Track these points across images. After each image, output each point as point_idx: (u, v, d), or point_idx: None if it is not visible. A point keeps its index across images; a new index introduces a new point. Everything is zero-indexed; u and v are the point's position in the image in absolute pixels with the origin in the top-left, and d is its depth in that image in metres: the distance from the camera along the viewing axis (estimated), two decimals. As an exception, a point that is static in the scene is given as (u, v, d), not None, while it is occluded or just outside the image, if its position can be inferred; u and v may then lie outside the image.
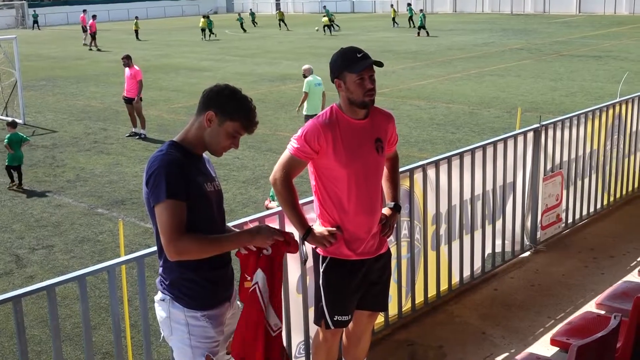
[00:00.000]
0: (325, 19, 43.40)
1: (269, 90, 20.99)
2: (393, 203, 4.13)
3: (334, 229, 3.87)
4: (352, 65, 3.74)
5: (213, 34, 42.88)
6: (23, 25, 60.93)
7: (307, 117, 12.73)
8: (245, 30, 46.09)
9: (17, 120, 14.00)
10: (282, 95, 20.49)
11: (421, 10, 41.14)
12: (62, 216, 10.47)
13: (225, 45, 37.75)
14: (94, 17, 39.80)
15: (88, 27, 38.68)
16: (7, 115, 17.61)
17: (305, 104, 13.18)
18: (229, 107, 3.22)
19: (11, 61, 18.71)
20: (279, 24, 48.00)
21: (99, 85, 23.89)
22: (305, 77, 13.29)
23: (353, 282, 3.97)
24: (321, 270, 3.97)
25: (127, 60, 15.67)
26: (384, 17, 51.85)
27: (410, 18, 45.42)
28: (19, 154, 12.14)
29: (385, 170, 4.17)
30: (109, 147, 14.89)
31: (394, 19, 47.10)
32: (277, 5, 71.84)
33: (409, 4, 49.49)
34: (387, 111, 4.06)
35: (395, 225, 4.14)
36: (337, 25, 44.03)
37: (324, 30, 42.95)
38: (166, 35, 44.45)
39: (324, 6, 52.66)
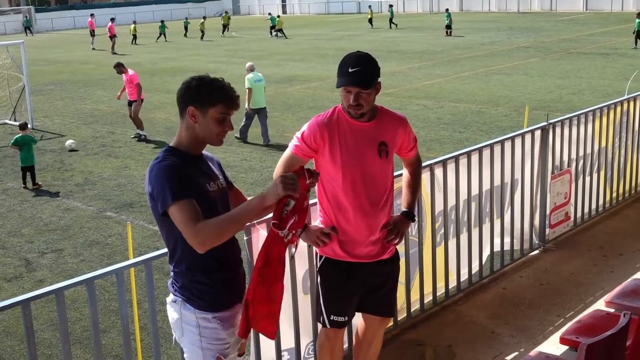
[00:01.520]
0: (269, 21, 44.28)
1: (275, 92, 20.98)
2: (406, 210, 4.03)
3: (329, 228, 3.87)
4: (340, 76, 3.69)
5: (164, 35, 43.51)
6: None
7: (253, 111, 14.31)
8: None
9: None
10: (289, 96, 20.50)
11: (447, 10, 40.88)
12: (71, 220, 10.51)
13: (231, 47, 37.80)
14: (112, 20, 39.93)
15: (107, 30, 38.71)
16: (15, 120, 17.71)
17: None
18: (203, 95, 3.20)
19: (19, 66, 18.82)
20: (223, 29, 45.90)
21: (106, 89, 23.95)
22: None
23: (349, 284, 3.95)
24: (317, 268, 4.02)
25: (120, 68, 15.86)
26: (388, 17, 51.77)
27: (391, 19, 45.14)
28: (24, 154, 12.21)
29: (406, 176, 4.12)
30: (117, 150, 14.93)
31: (370, 20, 46.35)
32: (283, 7, 71.77)
33: (391, 5, 49.21)
34: (398, 115, 3.94)
35: (403, 233, 4.00)
36: (279, 34, 42.88)
37: (270, 34, 43.72)
38: (173, 38, 44.52)
39: (269, 13, 50.94)
